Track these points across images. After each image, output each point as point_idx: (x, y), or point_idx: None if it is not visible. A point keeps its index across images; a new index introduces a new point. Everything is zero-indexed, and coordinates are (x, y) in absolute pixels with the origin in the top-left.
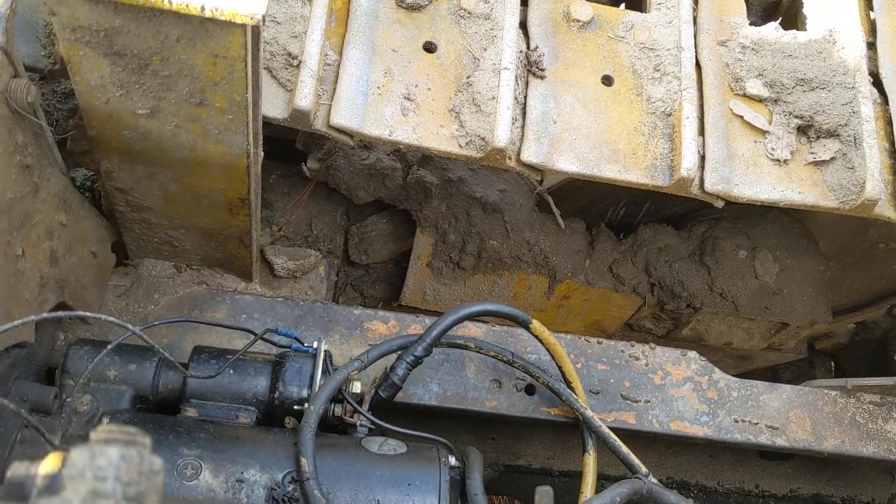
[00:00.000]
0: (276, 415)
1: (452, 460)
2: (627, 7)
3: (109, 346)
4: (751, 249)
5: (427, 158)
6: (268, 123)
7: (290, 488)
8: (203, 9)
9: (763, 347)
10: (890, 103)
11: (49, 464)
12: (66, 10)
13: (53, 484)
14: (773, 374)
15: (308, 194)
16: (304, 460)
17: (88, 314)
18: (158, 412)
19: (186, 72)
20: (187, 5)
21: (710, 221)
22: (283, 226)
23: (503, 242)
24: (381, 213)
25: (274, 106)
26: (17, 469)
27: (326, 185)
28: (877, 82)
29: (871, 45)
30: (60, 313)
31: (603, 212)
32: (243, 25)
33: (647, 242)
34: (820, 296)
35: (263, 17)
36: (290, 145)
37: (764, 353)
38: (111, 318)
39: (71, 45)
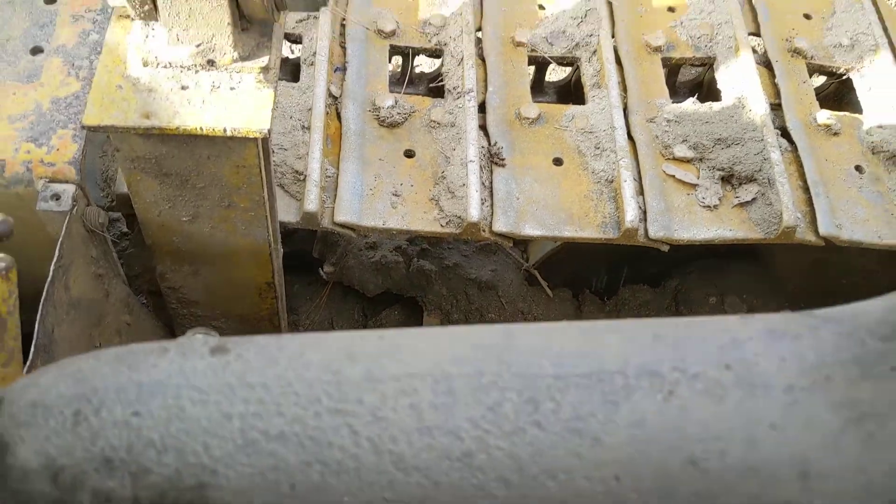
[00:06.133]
0: None
1: None
2: (571, 103)
3: None
4: (719, 295)
5: (424, 250)
6: (289, 236)
7: None
8: (226, 130)
9: None
10: (799, 150)
11: None
12: (126, 146)
13: None
14: None
15: (327, 296)
16: None
17: None
18: None
19: (216, 182)
20: (213, 129)
21: (681, 276)
22: (309, 327)
23: (500, 314)
24: (393, 305)
25: (288, 213)
26: None
27: (342, 285)
28: (786, 134)
29: (778, 106)
30: None
31: (587, 281)
32: (255, 139)
33: (627, 301)
34: None
35: (269, 131)
36: (307, 256)
37: None
38: None
39: (131, 172)
